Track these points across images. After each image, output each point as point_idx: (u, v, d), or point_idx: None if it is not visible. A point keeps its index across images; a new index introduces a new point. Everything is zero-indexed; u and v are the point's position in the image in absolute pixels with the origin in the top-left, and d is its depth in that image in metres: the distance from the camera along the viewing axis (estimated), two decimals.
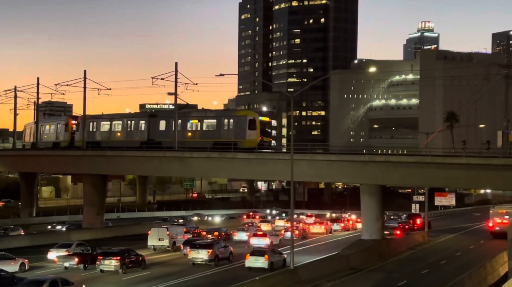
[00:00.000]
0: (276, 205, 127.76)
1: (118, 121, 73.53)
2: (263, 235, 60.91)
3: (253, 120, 63.24)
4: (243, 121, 63.60)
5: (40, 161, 78.75)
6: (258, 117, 63.74)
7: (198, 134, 66.54)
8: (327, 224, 78.23)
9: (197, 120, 66.98)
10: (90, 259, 44.98)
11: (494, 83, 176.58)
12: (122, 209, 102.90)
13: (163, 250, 56.60)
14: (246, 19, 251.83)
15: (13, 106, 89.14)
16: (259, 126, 63.27)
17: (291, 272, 39.73)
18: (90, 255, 45.48)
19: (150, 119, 70.48)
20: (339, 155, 60.29)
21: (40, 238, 62.76)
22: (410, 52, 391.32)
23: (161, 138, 68.46)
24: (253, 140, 62.74)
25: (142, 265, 45.68)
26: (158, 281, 40.66)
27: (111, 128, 73.58)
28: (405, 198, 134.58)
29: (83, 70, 75.85)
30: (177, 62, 71.16)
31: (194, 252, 47.34)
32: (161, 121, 69.54)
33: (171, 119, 68.03)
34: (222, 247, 49.00)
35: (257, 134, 62.92)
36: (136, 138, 70.51)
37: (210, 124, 65.81)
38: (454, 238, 73.12)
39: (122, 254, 43.93)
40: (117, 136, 72.51)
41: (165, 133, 68.44)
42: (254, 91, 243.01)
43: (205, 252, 46.86)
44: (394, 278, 42.49)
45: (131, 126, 71.57)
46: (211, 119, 66.00)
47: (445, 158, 56.84)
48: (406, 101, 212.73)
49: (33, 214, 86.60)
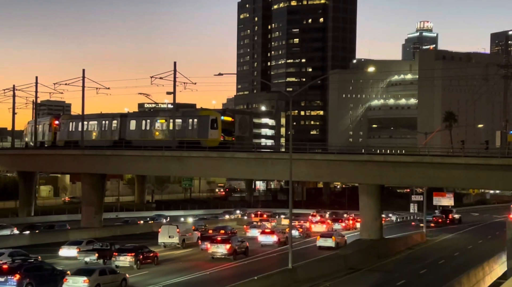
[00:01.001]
0: (274, 205, 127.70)
1: (94, 121, 75.45)
2: (271, 232, 62.24)
3: (215, 119, 64.71)
4: (206, 121, 65.09)
5: (39, 160, 78.70)
6: (220, 117, 65.16)
7: (165, 133, 68.30)
8: (328, 223, 79.41)
9: (164, 120, 68.84)
10: (109, 254, 46.86)
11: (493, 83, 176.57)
12: (120, 209, 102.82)
13: (173, 247, 57.72)
14: (245, 18, 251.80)
15: (12, 105, 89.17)
16: (221, 125, 64.79)
17: (290, 271, 39.72)
18: (109, 251, 47.41)
19: (121, 119, 72.03)
20: (338, 155, 60.32)
21: (39, 237, 62.68)
22: (408, 52, 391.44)
23: (132, 137, 70.43)
24: (215, 139, 64.36)
25: (155, 261, 47.36)
26: (178, 274, 42.59)
27: (88, 128, 75.27)
28: (403, 198, 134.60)
29: (81, 70, 75.94)
30: (176, 61, 71.32)
31: (214, 246, 50.10)
32: (132, 121, 71.25)
33: (141, 119, 69.97)
34: (239, 242, 52.20)
35: (218, 133, 64.43)
36: (108, 138, 72.51)
37: (176, 123, 67.42)
38: (452, 238, 73.21)
39: (136, 250, 45.95)
40: (93, 136, 74.40)
41: (135, 133, 70.37)
42: (253, 90, 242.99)
43: (224, 246, 49.66)
44: (393, 278, 42.51)
45: (104, 126, 73.34)
46: (177, 119, 67.71)
47: (444, 157, 56.86)
48: (405, 101, 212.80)
49: (31, 213, 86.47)
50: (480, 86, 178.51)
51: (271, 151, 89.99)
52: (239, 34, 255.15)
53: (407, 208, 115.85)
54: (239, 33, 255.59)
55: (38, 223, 74.43)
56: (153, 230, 74.53)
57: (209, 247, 51.21)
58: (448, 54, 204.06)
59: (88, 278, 35.66)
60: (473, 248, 62.49)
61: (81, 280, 35.59)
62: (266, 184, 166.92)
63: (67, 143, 76.88)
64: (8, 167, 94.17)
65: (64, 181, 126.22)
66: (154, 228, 76.36)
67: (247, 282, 35.39)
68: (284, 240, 59.82)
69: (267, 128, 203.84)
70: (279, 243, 59.58)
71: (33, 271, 35.83)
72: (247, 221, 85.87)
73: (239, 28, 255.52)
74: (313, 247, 59.62)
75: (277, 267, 42.06)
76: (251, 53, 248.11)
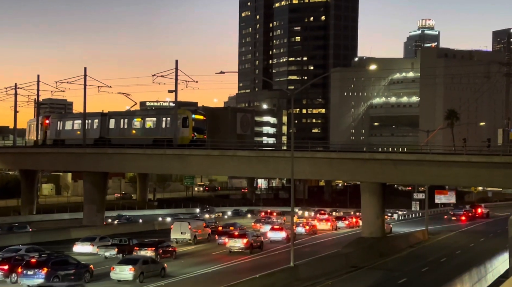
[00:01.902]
0: (276, 203, 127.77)
1: (78, 120, 77.16)
2: (280, 229, 63.75)
3: (186, 118, 66.93)
4: (177, 119, 67.14)
5: (41, 158, 78.78)
6: (192, 116, 67.35)
7: (141, 132, 70.48)
8: (333, 221, 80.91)
9: (140, 119, 70.94)
10: (127, 249, 49.03)
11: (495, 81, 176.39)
12: (122, 207, 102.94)
13: (185, 243, 58.88)
14: (247, 16, 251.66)
15: (14, 104, 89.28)
16: (192, 124, 66.87)
17: (291, 269, 39.75)
18: (127, 246, 49.68)
19: (102, 118, 73.84)
20: (340, 153, 60.32)
21: (41, 235, 62.76)
22: (410, 50, 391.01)
23: (111, 136, 72.47)
24: (186, 137, 66.44)
25: (174, 255, 49.38)
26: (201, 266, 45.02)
27: (73, 127, 77.26)
28: (405, 196, 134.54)
29: (83, 68, 76.00)
30: (178, 59, 71.41)
31: (232, 241, 52.82)
32: (111, 120, 73.05)
33: (119, 118, 72.09)
34: (254, 236, 54.86)
35: (189, 131, 66.50)
36: (91, 136, 74.39)
37: (151, 122, 69.71)
38: (454, 236, 73.13)
39: (156, 245, 48.39)
40: (77, 135, 76.05)
41: (114, 131, 72.44)
42: (254, 89, 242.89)
43: (241, 241, 52.37)
44: (394, 276, 42.49)
45: (87, 125, 74.98)
46: (152, 117, 70.20)
47: (446, 155, 56.83)
48: (407, 99, 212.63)
49: (33, 211, 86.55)
50: (482, 84, 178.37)
51: (273, 149, 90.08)
52: (241, 32, 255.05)
53: (409, 206, 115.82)
54: (240, 31, 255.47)
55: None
56: (155, 228, 74.72)
57: (227, 241, 53.58)
58: (450, 52, 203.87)
59: (133, 266, 38.54)
60: (475, 246, 62.42)
61: (127, 269, 38.52)
62: (267, 182, 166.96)
63: (55, 142, 78.65)
64: (10, 165, 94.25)
65: (66, 179, 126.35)
66: (155, 226, 76.54)
67: (249, 280, 35.44)
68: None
69: (269, 126, 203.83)
70: (288, 239, 60.44)
71: (59, 264, 37.15)
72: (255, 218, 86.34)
73: (240, 26, 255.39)
74: (320, 244, 61.04)
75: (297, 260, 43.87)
76: (253, 51, 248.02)
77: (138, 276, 38.65)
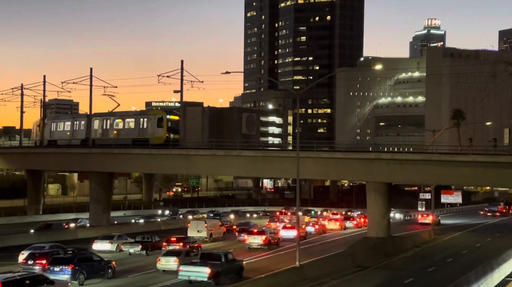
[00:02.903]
0: (282, 203, 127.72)
1: (68, 121, 79.50)
2: (292, 227, 64.62)
3: (161, 118, 69.09)
4: (153, 120, 69.62)
5: (47, 158, 79.02)
6: (166, 116, 69.51)
7: (121, 132, 72.53)
8: (341, 221, 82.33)
9: (121, 120, 73.11)
10: (151, 246, 51.35)
11: (501, 80, 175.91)
12: (128, 207, 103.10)
13: (201, 241, 59.45)
14: (252, 16, 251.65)
15: (20, 104, 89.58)
16: (166, 124, 68.95)
17: (297, 269, 39.71)
18: (150, 243, 51.85)
19: (88, 120, 75.98)
20: (345, 153, 60.20)
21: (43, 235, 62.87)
22: (416, 49, 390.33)
23: (95, 136, 74.62)
24: (160, 137, 68.61)
25: (199, 250, 50.43)
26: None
27: (64, 128, 79.49)
28: (411, 196, 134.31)
29: (89, 68, 76.20)
30: (183, 60, 71.49)
31: (251, 237, 55.38)
32: (95, 121, 75.09)
33: (102, 119, 74.20)
34: (271, 233, 57.27)
35: (164, 131, 68.66)
36: (78, 137, 76.63)
37: (130, 123, 71.89)
38: (460, 236, 72.94)
39: (184, 240, 51.78)
40: (67, 135, 78.33)
41: (97, 132, 74.61)
42: (260, 89, 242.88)
43: (260, 237, 54.91)
44: (400, 276, 42.39)
45: (76, 126, 77.26)
46: (131, 119, 72.27)
47: (452, 155, 56.61)
48: (413, 99, 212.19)
49: (39, 211, 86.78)
50: (488, 83, 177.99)
51: (278, 149, 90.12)
52: (246, 33, 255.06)
53: (415, 206, 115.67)
54: (246, 31, 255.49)
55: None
56: (160, 228, 74.77)
57: (246, 238, 56.12)
58: (456, 52, 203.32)
59: (177, 258, 41.44)
60: (481, 246, 62.24)
61: (172, 260, 41.35)
62: (273, 182, 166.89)
63: (49, 142, 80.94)
64: (16, 165, 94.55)
65: (72, 179, 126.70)
66: (162, 226, 76.60)
67: (255, 280, 35.41)
68: (304, 234, 63.93)
69: (274, 126, 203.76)
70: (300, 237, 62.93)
71: (84, 261, 38.30)
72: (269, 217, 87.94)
73: (246, 26, 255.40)
74: (329, 243, 62.05)
75: (308, 257, 45.79)
76: (258, 51, 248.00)
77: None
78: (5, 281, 27.95)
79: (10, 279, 28.25)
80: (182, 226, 74.48)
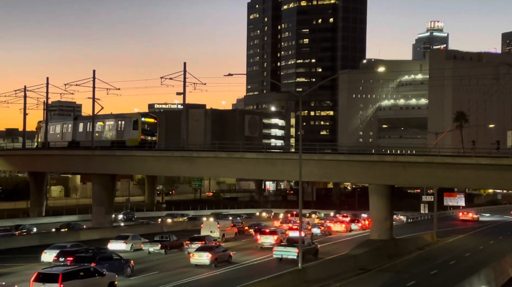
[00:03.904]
0: (284, 205, 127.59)
1: (58, 124, 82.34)
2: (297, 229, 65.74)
3: (136, 121, 71.56)
4: (129, 122, 72.16)
5: (50, 160, 79.12)
6: (141, 119, 72.03)
7: (102, 135, 75.09)
8: (347, 223, 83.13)
9: (102, 123, 75.70)
10: (169, 245, 54.13)
11: (504, 83, 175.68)
12: (130, 209, 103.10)
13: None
14: (255, 19, 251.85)
15: (23, 106, 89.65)
16: (141, 126, 71.45)
17: (300, 271, 39.67)
18: (169, 242, 54.66)
19: (74, 122, 78.69)
20: (348, 155, 60.15)
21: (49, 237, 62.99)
22: (419, 52, 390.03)
23: (79, 139, 77.19)
24: (135, 139, 71.16)
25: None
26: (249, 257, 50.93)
27: (55, 131, 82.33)
28: (414, 198, 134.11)
29: (92, 70, 76.28)
30: (186, 62, 71.47)
31: (263, 237, 58.37)
32: (80, 124, 77.81)
33: (86, 122, 76.88)
34: (283, 234, 60.81)
35: (139, 133, 71.10)
36: (66, 139, 79.16)
37: (110, 126, 74.47)
38: (463, 239, 72.85)
39: (204, 239, 54.51)
40: (57, 137, 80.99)
41: (81, 135, 77.20)
42: (262, 91, 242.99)
43: (272, 237, 58.02)
44: (403, 279, 42.34)
45: (63, 128, 79.87)
46: (110, 121, 74.85)
47: (455, 158, 56.52)
48: (415, 101, 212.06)
49: (42, 213, 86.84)
50: (491, 86, 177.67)
51: (281, 151, 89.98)
52: (249, 35, 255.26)
53: (418, 208, 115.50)
54: (249, 33, 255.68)
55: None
56: (163, 230, 74.75)
57: (258, 238, 58.86)
58: (459, 54, 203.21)
59: (209, 253, 45.65)
60: (484, 248, 62.15)
61: (204, 255, 45.52)
62: (276, 184, 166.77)
63: (43, 144, 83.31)
64: (19, 167, 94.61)
65: (74, 181, 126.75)
66: (163, 228, 76.61)
67: (258, 282, 35.39)
68: (309, 236, 65.34)
69: (277, 128, 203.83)
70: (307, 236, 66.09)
71: (105, 260, 40.14)
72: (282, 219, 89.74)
73: (249, 28, 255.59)
74: (334, 244, 62.98)
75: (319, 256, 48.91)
76: (261, 54, 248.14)
77: (214, 261, 45.49)
78: (65, 272, 31.46)
79: (69, 270, 32.14)
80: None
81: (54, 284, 30.37)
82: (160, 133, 79.56)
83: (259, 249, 56.24)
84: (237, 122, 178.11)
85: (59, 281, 30.44)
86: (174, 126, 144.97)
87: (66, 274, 31.20)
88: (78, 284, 31.70)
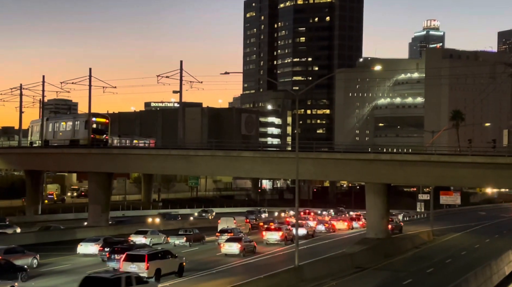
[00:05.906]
0: (281, 204, 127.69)
1: (37, 124, 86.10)
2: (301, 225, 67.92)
3: (87, 121, 74.91)
4: (81, 122, 76.23)
5: (46, 158, 79.00)
6: (92, 119, 75.14)
7: (64, 134, 78.76)
8: (349, 221, 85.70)
9: (64, 123, 79.67)
10: (193, 238, 58.26)
11: (500, 81, 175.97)
12: (127, 207, 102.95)
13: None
14: (251, 17, 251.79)
15: (19, 104, 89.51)
16: (92, 126, 74.83)
17: (296, 270, 39.67)
18: (192, 235, 58.79)
19: (46, 122, 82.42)
20: (344, 154, 60.20)
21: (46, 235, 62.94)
22: (415, 50, 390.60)
23: (48, 138, 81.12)
24: (86, 138, 74.67)
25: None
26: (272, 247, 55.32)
27: (35, 131, 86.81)
28: (410, 197, 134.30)
29: (88, 69, 76.17)
30: (182, 60, 71.53)
31: (269, 233, 60.27)
32: (49, 124, 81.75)
33: (54, 122, 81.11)
34: (288, 230, 61.79)
35: (89, 133, 74.34)
36: (42, 138, 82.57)
37: (69, 125, 78.54)
38: (459, 237, 72.97)
39: (233, 231, 58.24)
40: (38, 137, 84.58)
41: (49, 134, 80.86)
42: (259, 89, 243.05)
43: (277, 234, 59.90)
44: (399, 277, 42.38)
45: (44, 128, 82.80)
46: (70, 121, 78.83)
47: (451, 156, 56.63)
48: (412, 100, 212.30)
49: (38, 211, 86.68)
50: (487, 84, 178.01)
51: (277, 150, 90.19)
52: (245, 33, 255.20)
53: (414, 207, 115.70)
54: (245, 32, 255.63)
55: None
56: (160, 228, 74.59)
57: (264, 234, 60.69)
58: (455, 53, 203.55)
59: (238, 243, 49.73)
60: (480, 247, 62.24)
61: (235, 245, 49.64)
62: (272, 182, 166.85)
63: (30, 143, 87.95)
64: (15, 165, 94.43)
65: (71, 180, 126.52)
66: (161, 227, 76.44)
67: (254, 281, 35.40)
68: (312, 233, 69.94)
69: (273, 127, 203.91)
70: (308, 235, 68.44)
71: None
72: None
73: (245, 27, 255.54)
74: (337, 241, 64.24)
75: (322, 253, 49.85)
76: (257, 52, 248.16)
77: (242, 250, 49.56)
78: (150, 253, 37.69)
79: (152, 252, 38.76)
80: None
81: (141, 263, 36.26)
82: (156, 132, 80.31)
83: (265, 245, 58.17)
84: (234, 120, 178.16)
85: (145, 260, 36.38)
86: (171, 125, 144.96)
87: (150, 255, 37.25)
88: (159, 263, 37.58)
